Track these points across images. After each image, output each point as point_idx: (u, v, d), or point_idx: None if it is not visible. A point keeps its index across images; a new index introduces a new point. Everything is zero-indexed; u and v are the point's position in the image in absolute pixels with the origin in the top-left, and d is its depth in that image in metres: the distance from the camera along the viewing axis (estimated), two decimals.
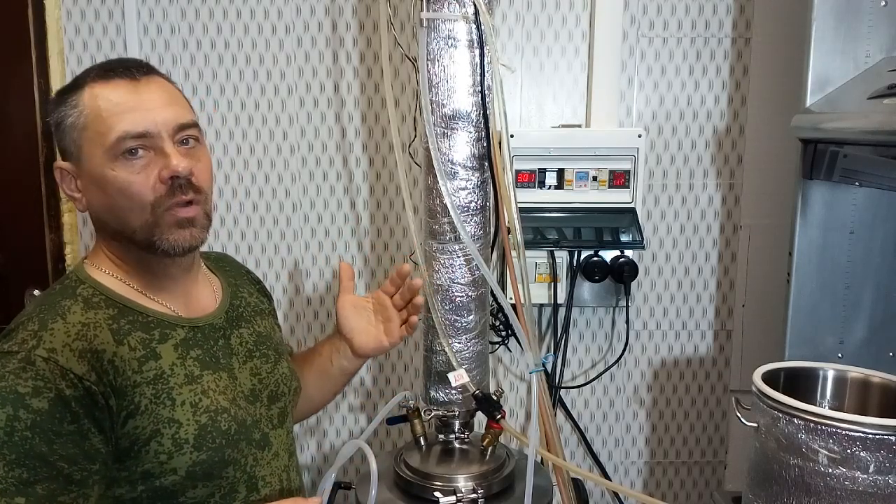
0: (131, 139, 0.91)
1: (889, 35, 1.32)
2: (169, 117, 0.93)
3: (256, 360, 1.07)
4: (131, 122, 0.91)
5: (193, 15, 1.71)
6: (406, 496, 1.32)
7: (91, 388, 0.85)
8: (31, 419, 0.81)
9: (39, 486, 0.81)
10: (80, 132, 0.93)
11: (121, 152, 0.91)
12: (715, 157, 1.76)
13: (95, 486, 0.86)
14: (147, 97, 0.93)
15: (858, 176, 1.30)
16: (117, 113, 0.91)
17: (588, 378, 1.82)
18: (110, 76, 0.93)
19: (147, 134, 0.92)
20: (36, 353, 0.84)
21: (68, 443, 0.83)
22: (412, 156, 1.67)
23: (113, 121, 0.91)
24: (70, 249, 1.78)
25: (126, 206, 0.93)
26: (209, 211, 0.99)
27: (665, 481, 1.89)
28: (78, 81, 0.95)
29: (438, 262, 1.34)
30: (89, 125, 0.92)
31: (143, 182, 0.92)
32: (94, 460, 0.85)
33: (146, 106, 0.92)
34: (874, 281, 1.40)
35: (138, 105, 0.92)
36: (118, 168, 0.91)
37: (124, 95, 0.92)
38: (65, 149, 0.96)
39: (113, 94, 0.92)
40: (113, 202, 0.93)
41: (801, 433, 0.99)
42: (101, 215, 0.96)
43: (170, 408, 0.91)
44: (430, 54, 1.29)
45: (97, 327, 0.90)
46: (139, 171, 0.92)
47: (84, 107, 0.92)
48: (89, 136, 0.92)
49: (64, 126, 0.94)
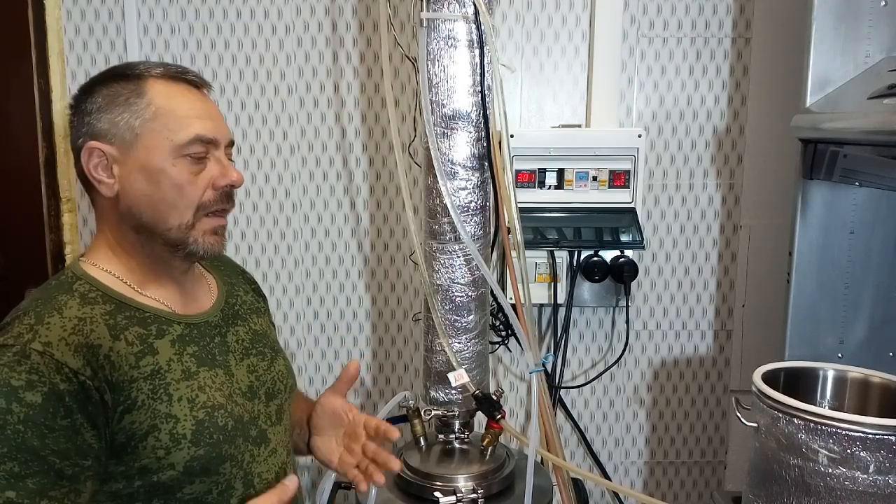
0: (202, 143, 0.95)
1: (889, 35, 1.32)
2: (227, 132, 1.00)
3: (253, 358, 1.07)
4: (206, 128, 0.96)
5: (193, 15, 1.72)
6: (406, 496, 1.32)
7: (86, 383, 0.85)
8: (24, 413, 0.81)
9: (30, 480, 0.81)
10: (144, 121, 0.93)
11: (189, 153, 0.94)
12: (715, 157, 1.76)
13: (88, 481, 0.86)
14: (212, 108, 0.99)
15: (858, 176, 1.30)
16: (192, 116, 0.95)
17: (588, 378, 1.82)
18: (178, 78, 0.97)
19: (214, 142, 0.97)
20: (31, 347, 0.85)
21: (61, 437, 0.83)
22: (412, 156, 1.67)
23: (188, 121, 0.94)
24: (70, 249, 1.78)
25: (173, 203, 0.94)
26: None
27: (665, 481, 1.89)
28: (135, 71, 0.96)
29: (438, 262, 1.34)
30: (159, 117, 0.94)
31: (198, 184, 0.95)
32: (87, 456, 0.85)
33: (212, 115, 0.98)
34: (874, 281, 1.40)
35: (209, 113, 0.98)
36: (179, 165, 0.94)
37: (196, 101, 0.97)
38: (107, 132, 0.94)
39: (184, 96, 0.97)
40: (161, 196, 0.94)
41: (801, 433, 0.99)
42: (136, 205, 0.95)
43: (167, 403, 0.91)
44: (430, 54, 1.29)
45: (93, 322, 0.90)
46: (197, 173, 0.95)
47: (153, 98, 0.94)
48: (156, 127, 0.93)
49: (117, 110, 0.94)
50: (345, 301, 1.83)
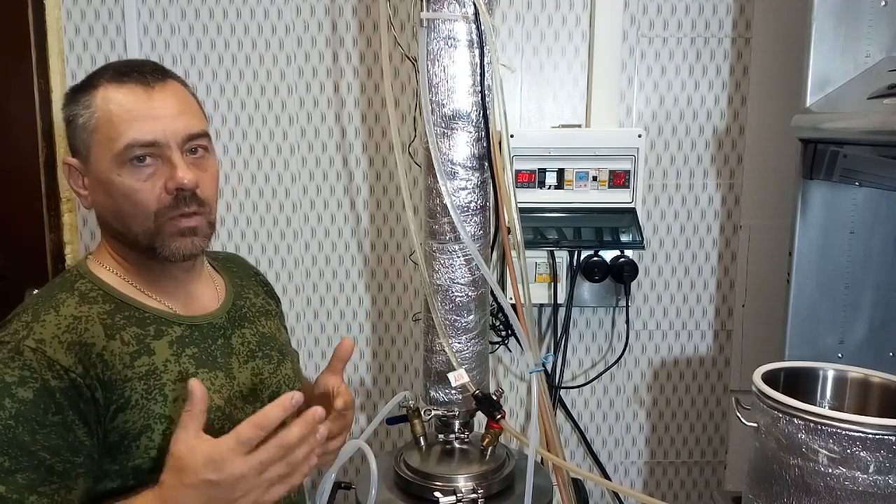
0: (139, 147, 0.91)
1: (889, 35, 1.32)
2: (179, 127, 0.93)
3: (259, 361, 1.07)
4: (140, 130, 0.91)
5: (193, 15, 1.72)
6: (406, 496, 1.32)
7: (77, 381, 0.86)
8: (15, 408, 0.82)
9: (20, 475, 0.81)
10: (90, 133, 0.93)
11: (128, 159, 0.91)
12: (715, 157, 1.76)
13: (80, 478, 0.86)
14: (159, 105, 0.93)
15: (858, 176, 1.30)
16: (127, 119, 0.91)
17: (588, 378, 1.82)
18: (124, 80, 0.93)
19: (155, 143, 0.92)
20: (25, 344, 0.85)
21: (52, 434, 0.83)
22: (412, 156, 1.67)
23: (123, 127, 0.91)
24: (70, 249, 1.78)
25: (129, 213, 0.93)
26: (213, 220, 1.00)
27: (665, 481, 1.89)
28: (92, 80, 0.95)
29: (438, 262, 1.34)
30: (100, 128, 0.92)
31: (148, 190, 0.92)
32: (78, 452, 0.86)
33: (157, 114, 0.92)
34: (874, 281, 1.40)
35: (149, 113, 0.92)
36: (125, 174, 0.92)
37: (136, 101, 0.92)
38: (75, 146, 0.97)
39: (125, 98, 0.92)
40: (117, 206, 0.94)
41: (801, 433, 0.99)
42: (104, 216, 0.98)
43: (161, 404, 0.91)
44: (430, 54, 1.29)
45: (89, 321, 0.91)
46: (145, 179, 0.92)
47: (96, 108, 0.93)
48: (98, 138, 0.93)
49: (75, 124, 0.95)
50: (345, 301, 1.83)
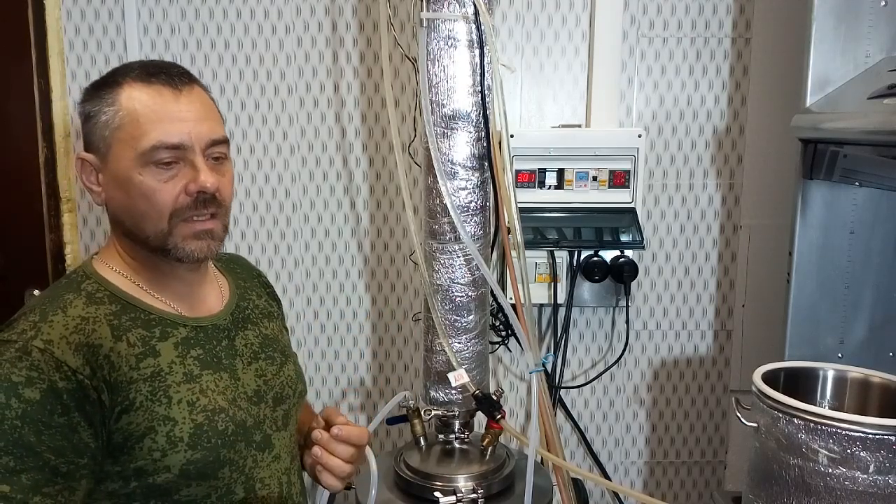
0: (165, 149, 0.91)
1: (889, 35, 1.32)
2: (203, 132, 0.94)
3: (262, 362, 1.07)
4: (167, 132, 0.91)
5: (193, 15, 1.72)
6: (406, 496, 1.32)
7: (84, 382, 0.85)
8: (21, 409, 0.82)
9: (25, 476, 0.81)
10: (112, 130, 0.93)
11: (152, 160, 0.91)
12: (715, 157, 1.76)
13: (83, 480, 0.86)
14: (185, 108, 0.93)
15: (858, 176, 1.30)
16: (154, 120, 0.91)
17: (588, 378, 1.82)
18: (152, 80, 0.93)
19: (181, 146, 0.92)
20: (33, 344, 0.85)
21: (57, 435, 0.83)
22: (412, 156, 1.67)
23: (149, 127, 0.91)
24: (70, 249, 1.78)
25: (144, 212, 0.93)
26: (227, 223, 1.00)
27: (665, 481, 1.89)
28: (116, 78, 0.95)
29: (438, 262, 1.34)
30: (124, 126, 0.92)
31: (168, 191, 0.92)
32: (83, 454, 0.85)
33: (183, 117, 0.93)
34: (874, 281, 1.40)
35: (176, 115, 0.92)
36: (146, 174, 0.92)
37: (164, 103, 0.92)
38: (91, 142, 0.95)
39: (152, 99, 0.92)
40: (133, 205, 0.94)
41: (801, 433, 0.99)
42: (117, 214, 0.97)
43: (166, 405, 0.91)
44: (430, 54, 1.29)
45: (96, 322, 0.91)
46: (167, 180, 0.92)
47: (120, 106, 0.92)
48: (121, 136, 0.92)
49: (95, 120, 0.94)
50: (345, 301, 1.83)
